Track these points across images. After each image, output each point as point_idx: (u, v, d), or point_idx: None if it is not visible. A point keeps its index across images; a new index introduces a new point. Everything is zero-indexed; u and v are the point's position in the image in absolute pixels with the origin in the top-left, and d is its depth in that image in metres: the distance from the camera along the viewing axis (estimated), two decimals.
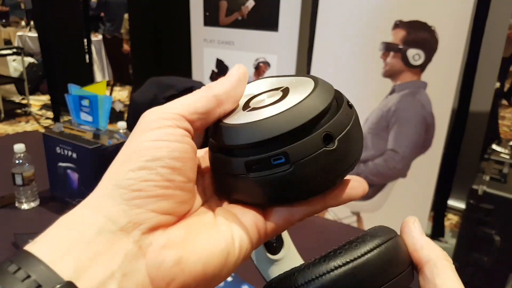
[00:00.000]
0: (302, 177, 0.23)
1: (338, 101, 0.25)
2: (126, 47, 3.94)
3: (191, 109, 0.23)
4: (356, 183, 0.26)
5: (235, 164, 0.24)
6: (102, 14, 5.47)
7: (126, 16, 3.93)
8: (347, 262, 0.21)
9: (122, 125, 1.27)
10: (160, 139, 0.22)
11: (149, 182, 0.21)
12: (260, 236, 0.25)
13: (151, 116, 0.23)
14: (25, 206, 1.09)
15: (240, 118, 0.24)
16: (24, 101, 4.44)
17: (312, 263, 0.22)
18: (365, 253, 0.21)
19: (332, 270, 0.21)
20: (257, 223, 0.25)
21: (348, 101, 0.25)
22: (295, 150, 0.22)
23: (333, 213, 1.86)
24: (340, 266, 0.21)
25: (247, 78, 0.26)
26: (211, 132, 0.26)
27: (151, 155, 0.22)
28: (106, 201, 0.21)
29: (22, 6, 6.30)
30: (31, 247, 0.20)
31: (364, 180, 0.27)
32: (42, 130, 2.32)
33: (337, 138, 0.23)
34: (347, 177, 0.26)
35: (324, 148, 0.22)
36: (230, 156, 0.24)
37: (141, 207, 0.21)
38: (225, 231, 0.23)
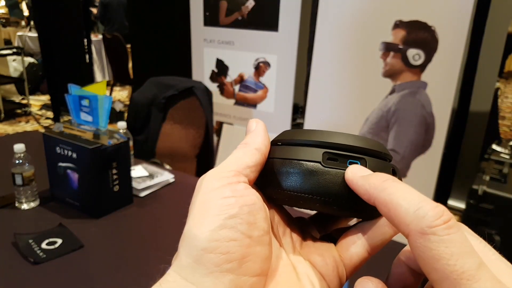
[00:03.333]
0: None
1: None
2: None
3: (243, 165, 0.25)
4: None
5: (313, 152, 0.25)
6: (95, 11, 5.46)
7: None
8: None
9: (122, 125, 1.27)
10: (228, 196, 0.23)
11: (233, 242, 0.21)
12: (342, 283, 0.26)
13: (210, 177, 0.24)
14: (25, 206, 1.09)
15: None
16: (24, 101, 4.44)
17: None
18: None
19: None
20: (339, 268, 0.26)
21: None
22: (372, 162, 0.25)
23: None
24: None
25: (266, 128, 0.28)
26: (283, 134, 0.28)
27: (226, 213, 0.22)
28: (197, 269, 0.21)
29: (21, 6, 6.30)
30: None
31: None
32: (42, 130, 2.32)
33: (398, 177, 0.26)
34: None
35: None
36: (307, 146, 0.25)
37: (233, 272, 0.21)
38: None
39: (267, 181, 0.26)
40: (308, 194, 0.25)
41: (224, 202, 0.22)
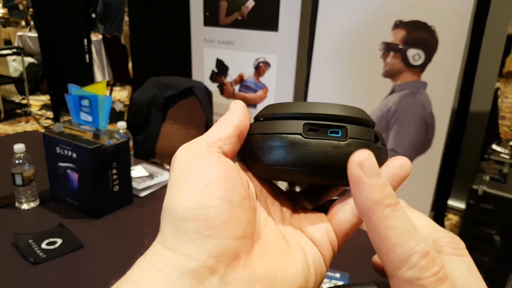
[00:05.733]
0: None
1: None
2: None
3: (215, 137, 0.25)
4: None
5: (293, 125, 0.25)
6: (94, 15, 5.45)
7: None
8: None
9: (122, 125, 1.27)
10: (202, 166, 0.23)
11: (212, 208, 0.22)
12: (334, 250, 0.26)
13: (183, 151, 0.25)
14: (25, 206, 1.09)
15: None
16: (24, 101, 4.44)
17: None
18: None
19: None
20: (329, 234, 0.25)
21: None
22: (353, 129, 0.25)
23: None
24: None
25: (245, 105, 0.28)
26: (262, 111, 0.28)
27: (203, 182, 0.22)
28: (178, 237, 0.22)
29: (21, 7, 6.30)
30: None
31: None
32: (42, 130, 2.32)
33: (381, 143, 0.26)
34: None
35: (373, 142, 0.26)
36: (288, 119, 0.26)
37: (215, 237, 0.21)
38: (300, 259, 0.24)
39: (251, 157, 0.27)
40: (292, 166, 0.25)
41: (199, 172, 0.23)
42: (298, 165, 0.25)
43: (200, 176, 0.23)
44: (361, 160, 0.20)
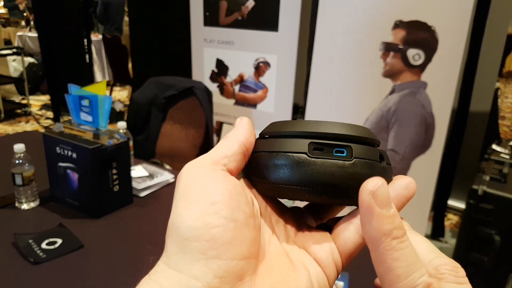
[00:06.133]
0: (360, 173, 0.24)
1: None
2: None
3: (221, 155, 0.25)
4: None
5: (299, 144, 0.25)
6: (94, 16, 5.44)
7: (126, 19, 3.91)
8: None
9: (122, 125, 1.27)
10: (208, 184, 0.23)
11: (217, 228, 0.22)
12: (338, 270, 0.25)
13: (189, 169, 0.25)
14: (25, 206, 1.09)
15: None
16: (24, 101, 4.44)
17: None
18: None
19: None
20: (334, 254, 0.25)
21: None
22: (358, 149, 0.25)
23: None
24: None
25: (251, 122, 0.28)
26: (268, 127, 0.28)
27: (207, 201, 0.22)
28: (183, 257, 0.22)
29: (21, 7, 6.30)
30: None
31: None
32: (42, 130, 2.32)
33: (386, 162, 0.26)
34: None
35: (379, 162, 0.25)
36: (293, 138, 0.26)
37: (220, 257, 0.21)
38: (305, 279, 0.24)
39: (256, 174, 0.27)
40: (297, 185, 0.25)
41: (204, 190, 0.23)
42: (303, 185, 0.25)
43: (205, 195, 0.23)
44: (373, 189, 0.21)
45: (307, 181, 0.24)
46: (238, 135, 0.26)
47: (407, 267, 0.20)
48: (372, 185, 0.20)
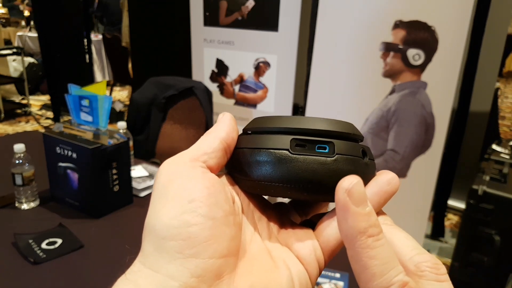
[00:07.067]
0: (342, 169, 0.24)
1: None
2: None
3: (200, 151, 0.25)
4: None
5: (281, 140, 0.25)
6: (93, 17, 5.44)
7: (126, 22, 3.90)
8: None
9: (122, 125, 1.27)
10: (185, 182, 0.23)
11: (194, 227, 0.21)
12: (320, 268, 0.25)
13: (168, 166, 0.24)
14: (25, 206, 1.09)
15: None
16: (24, 101, 4.44)
17: None
18: None
19: None
20: (316, 252, 0.25)
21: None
22: (340, 145, 0.25)
23: None
24: None
25: (233, 118, 0.28)
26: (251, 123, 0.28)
27: (185, 198, 0.22)
28: (160, 256, 0.21)
29: (21, 7, 6.30)
30: None
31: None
32: (42, 130, 2.32)
33: (369, 158, 0.26)
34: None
35: (361, 158, 0.25)
36: (275, 134, 0.25)
37: (197, 256, 0.21)
38: (286, 276, 0.24)
39: (238, 171, 0.26)
40: (279, 183, 0.25)
41: (181, 188, 0.22)
42: (285, 182, 0.24)
43: (183, 192, 0.22)
44: (348, 187, 0.20)
45: (289, 178, 0.24)
46: (219, 131, 0.26)
47: (382, 265, 0.19)
48: (348, 183, 0.20)
